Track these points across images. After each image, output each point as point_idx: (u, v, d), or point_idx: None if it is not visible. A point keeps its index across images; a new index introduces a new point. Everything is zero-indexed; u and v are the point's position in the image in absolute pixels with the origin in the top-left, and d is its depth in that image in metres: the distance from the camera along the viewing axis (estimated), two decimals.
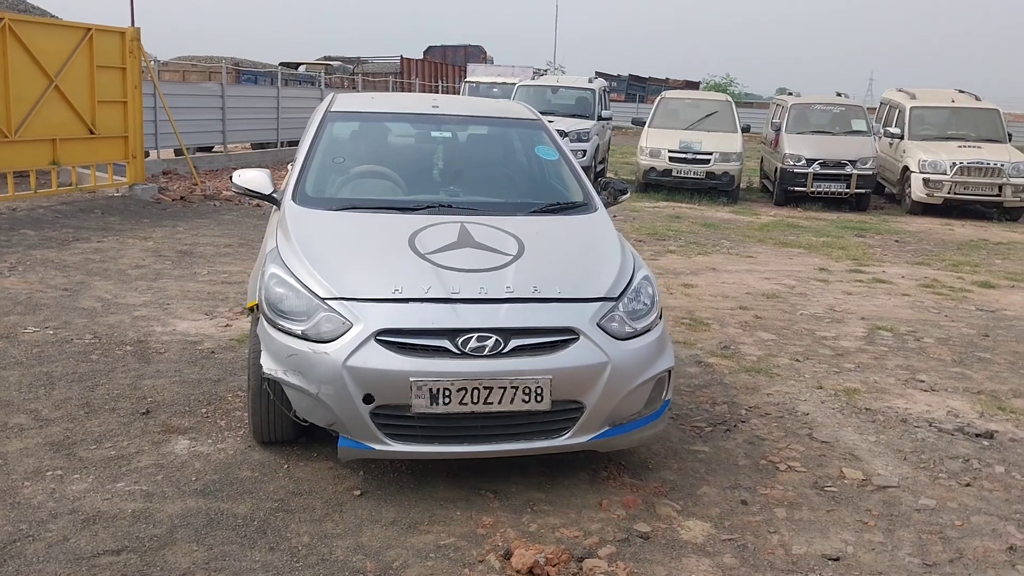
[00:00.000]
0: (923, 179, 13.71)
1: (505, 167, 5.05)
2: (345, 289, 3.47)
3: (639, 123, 16.30)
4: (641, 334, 3.61)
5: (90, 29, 10.04)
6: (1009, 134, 14.64)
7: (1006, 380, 5.44)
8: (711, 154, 14.28)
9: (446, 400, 3.27)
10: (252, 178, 4.41)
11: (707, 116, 15.27)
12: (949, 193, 13.55)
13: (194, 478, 3.57)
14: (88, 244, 8.22)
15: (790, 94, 17.12)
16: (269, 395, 3.60)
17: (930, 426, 4.57)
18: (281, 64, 27.48)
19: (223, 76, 16.09)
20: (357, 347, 3.29)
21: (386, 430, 3.33)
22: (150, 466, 3.66)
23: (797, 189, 14.11)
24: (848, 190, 13.96)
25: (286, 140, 17.50)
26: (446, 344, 3.32)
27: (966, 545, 3.35)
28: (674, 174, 14.47)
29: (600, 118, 15.99)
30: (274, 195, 4.39)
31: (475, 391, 3.28)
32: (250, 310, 3.92)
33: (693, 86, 43.53)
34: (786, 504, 3.62)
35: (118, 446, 3.84)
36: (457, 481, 3.63)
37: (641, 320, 3.65)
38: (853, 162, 13.90)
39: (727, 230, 11.45)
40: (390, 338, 3.32)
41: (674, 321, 6.44)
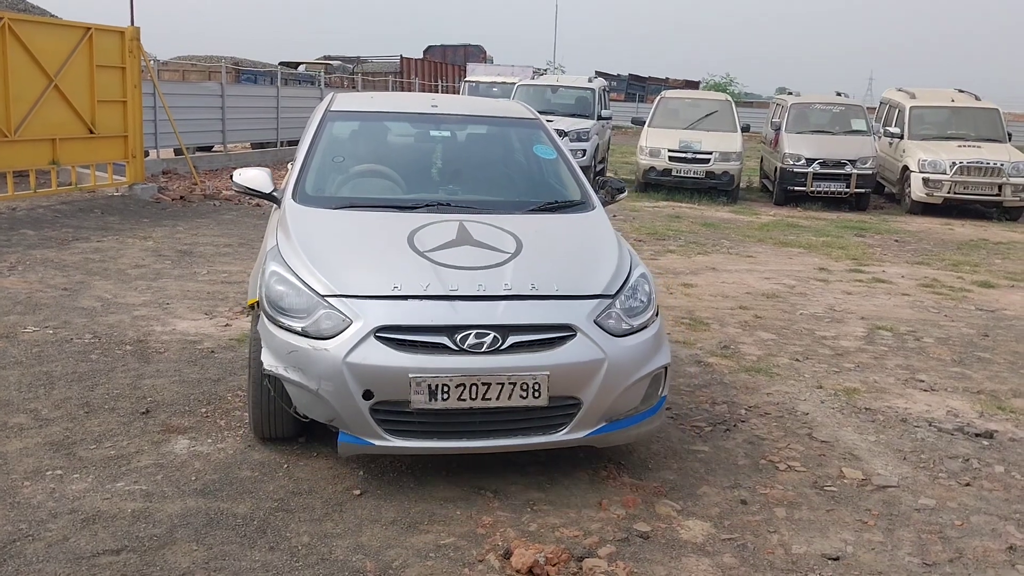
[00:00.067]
0: (923, 179, 13.71)
1: (503, 166, 5.07)
2: (345, 286, 3.50)
3: (639, 123, 16.29)
4: (638, 331, 3.64)
5: (90, 29, 10.04)
6: (1009, 134, 14.64)
7: (1006, 380, 5.44)
8: (711, 154, 14.28)
9: (445, 396, 3.30)
10: (253, 177, 4.45)
11: (707, 116, 15.28)
12: (949, 193, 13.55)
13: (194, 478, 3.57)
14: (88, 244, 8.22)
15: (790, 93, 17.13)
16: (270, 391, 3.62)
17: (930, 426, 4.57)
18: (281, 64, 27.46)
19: (223, 76, 16.09)
20: (357, 344, 3.32)
21: (385, 426, 3.36)
22: (150, 466, 3.66)
23: (797, 189, 14.11)
24: (848, 190, 13.96)
25: (286, 140, 17.48)
26: (445, 341, 3.35)
27: (966, 545, 3.35)
28: (674, 174, 14.48)
29: (600, 118, 15.98)
30: (274, 194, 4.43)
31: (473, 387, 3.31)
32: (251, 307, 3.95)
33: (693, 86, 43.51)
34: (786, 504, 3.62)
35: (118, 446, 3.84)
36: (457, 481, 3.63)
37: (638, 317, 3.68)
38: (853, 162, 13.90)
39: (727, 230, 11.45)
40: (389, 335, 3.35)
41: (674, 321, 6.44)
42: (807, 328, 6.47)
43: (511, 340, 3.39)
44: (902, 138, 14.61)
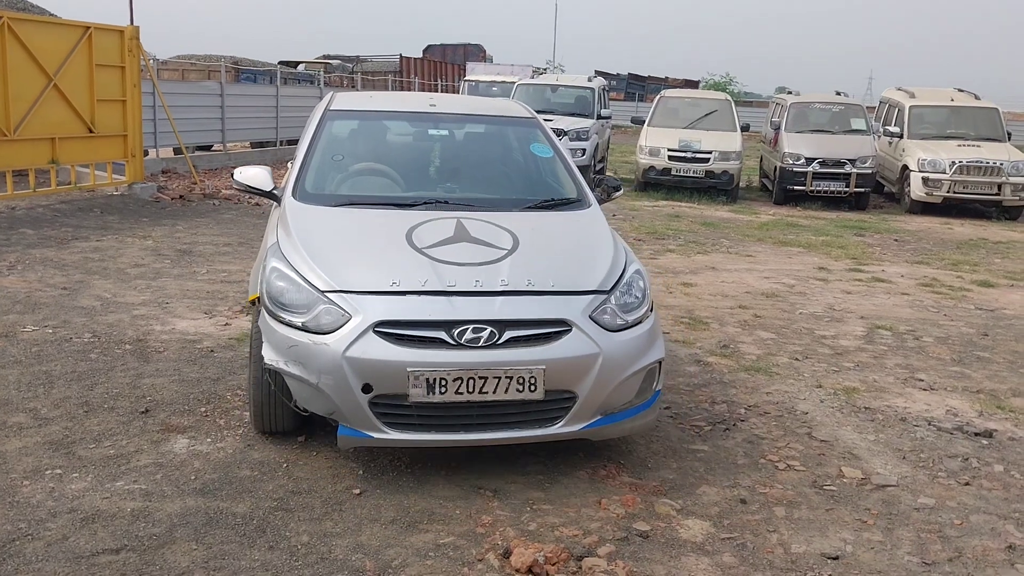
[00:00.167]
0: (922, 178, 13.71)
1: (501, 164, 5.13)
2: (344, 282, 3.55)
3: (638, 122, 16.29)
4: (632, 326, 3.70)
5: (89, 28, 10.03)
6: (1008, 133, 14.63)
7: (1005, 379, 5.44)
8: (710, 153, 14.28)
9: (442, 389, 3.35)
10: (253, 175, 4.52)
11: (706, 115, 15.27)
12: (948, 192, 13.55)
13: (193, 477, 3.57)
14: (87, 243, 8.22)
15: (789, 93, 17.09)
16: (270, 386, 3.66)
17: (929, 425, 4.58)
18: (280, 63, 27.47)
19: (222, 75, 16.09)
20: (356, 338, 3.37)
21: (384, 419, 3.41)
22: (149, 465, 3.66)
23: (796, 188, 14.11)
24: (847, 189, 13.96)
25: (285, 139, 17.47)
26: (442, 335, 3.40)
27: (965, 544, 3.36)
28: (673, 173, 14.48)
29: (599, 117, 15.97)
30: (275, 192, 4.49)
31: (471, 381, 3.36)
32: (252, 303, 4.01)
33: (693, 85, 43.47)
34: (785, 503, 3.62)
35: (117, 445, 3.84)
36: (456, 480, 3.64)
37: (632, 312, 3.73)
38: (852, 161, 13.90)
39: (726, 229, 11.45)
40: (388, 329, 3.40)
41: (673, 320, 6.44)
42: (806, 327, 6.47)
43: (508, 335, 3.44)
44: (902, 137, 14.60)
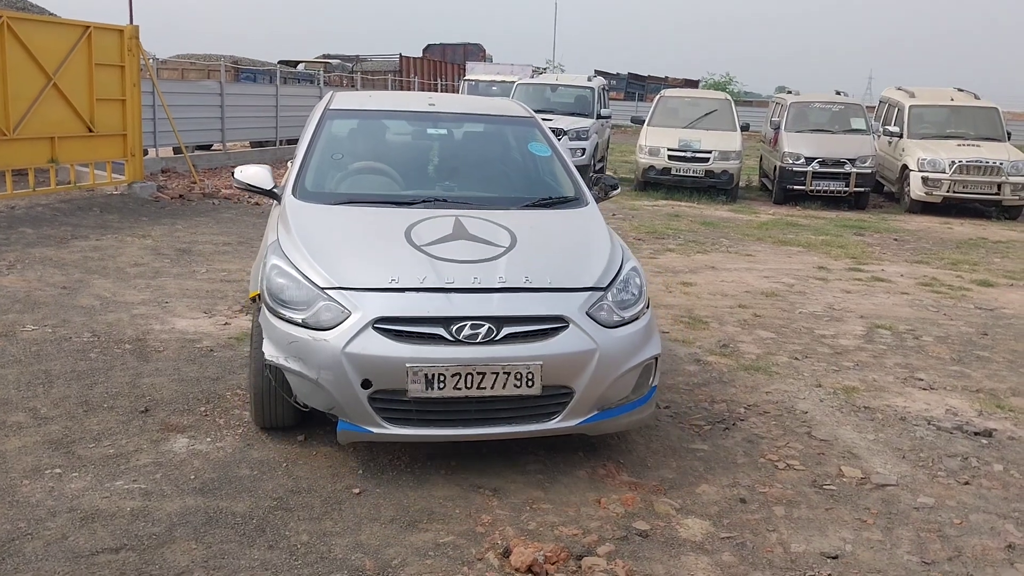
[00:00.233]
0: (922, 177, 13.71)
1: (499, 163, 5.16)
2: (344, 279, 3.59)
3: (638, 121, 16.29)
4: (629, 322, 3.73)
5: (89, 27, 10.02)
6: (1008, 133, 14.63)
7: (1005, 378, 5.44)
8: (710, 152, 14.28)
9: (441, 385, 3.38)
10: (254, 174, 4.56)
11: (706, 115, 15.27)
12: (948, 191, 13.55)
13: (193, 476, 3.57)
14: (87, 242, 8.22)
15: (789, 92, 17.08)
16: (271, 381, 3.69)
17: (929, 424, 4.58)
18: (280, 62, 27.46)
19: (222, 74, 16.08)
20: (355, 334, 3.40)
21: (384, 414, 3.44)
22: (149, 464, 3.66)
23: (796, 187, 14.11)
24: (847, 188, 13.97)
25: (285, 138, 17.47)
26: (441, 332, 3.44)
27: (965, 543, 3.36)
28: (673, 172, 14.48)
29: (599, 116, 15.97)
30: (275, 190, 4.53)
31: (469, 376, 3.39)
32: (252, 300, 4.04)
33: (692, 84, 43.46)
34: (785, 502, 3.62)
35: (117, 444, 3.83)
36: (456, 479, 3.64)
37: (629, 309, 3.77)
38: (852, 160, 13.90)
39: (726, 228, 11.45)
40: (387, 326, 3.43)
41: (673, 319, 6.44)
42: (806, 327, 6.47)
43: (505, 331, 3.48)
44: (901, 137, 14.61)
